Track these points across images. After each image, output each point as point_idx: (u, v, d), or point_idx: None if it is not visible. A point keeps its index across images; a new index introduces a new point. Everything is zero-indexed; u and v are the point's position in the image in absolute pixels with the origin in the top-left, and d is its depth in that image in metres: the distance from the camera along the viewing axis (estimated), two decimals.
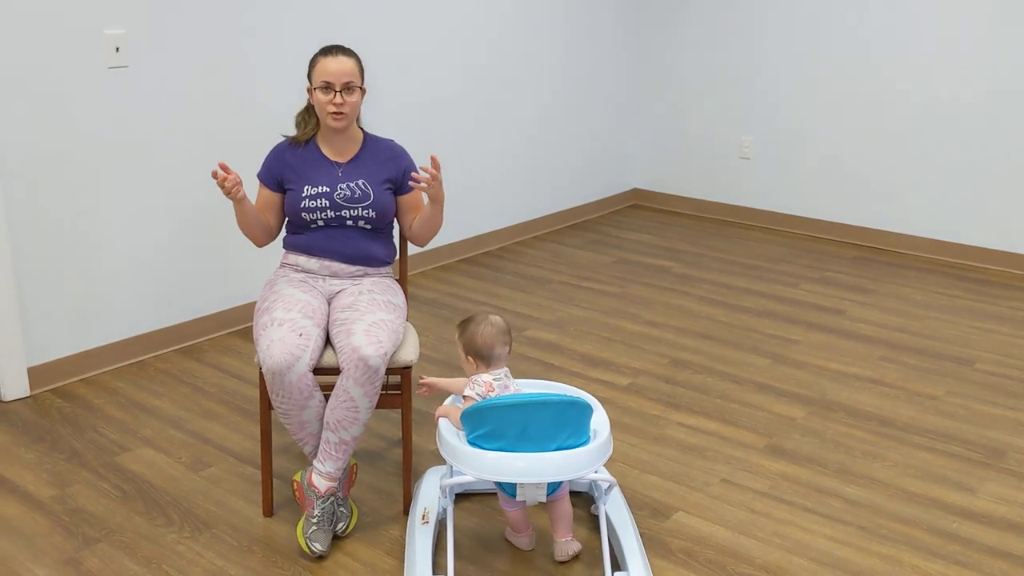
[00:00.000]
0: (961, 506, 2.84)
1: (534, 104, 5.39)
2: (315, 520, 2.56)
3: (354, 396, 2.54)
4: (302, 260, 2.83)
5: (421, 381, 2.67)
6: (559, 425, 2.27)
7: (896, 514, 2.79)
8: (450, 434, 2.38)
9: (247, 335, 4.04)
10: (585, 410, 2.30)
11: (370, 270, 2.84)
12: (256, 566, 2.52)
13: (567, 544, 2.53)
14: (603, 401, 3.47)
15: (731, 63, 5.74)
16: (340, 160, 2.82)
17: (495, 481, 2.33)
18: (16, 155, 3.30)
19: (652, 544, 2.63)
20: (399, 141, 4.62)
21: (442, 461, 2.95)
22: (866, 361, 3.85)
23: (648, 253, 5.26)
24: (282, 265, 2.88)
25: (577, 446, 2.30)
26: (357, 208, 2.78)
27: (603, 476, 2.35)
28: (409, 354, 2.67)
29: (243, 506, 2.80)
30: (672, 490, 2.91)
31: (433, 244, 4.96)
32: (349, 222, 2.79)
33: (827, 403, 3.49)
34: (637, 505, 2.81)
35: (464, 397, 2.46)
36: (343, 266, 2.81)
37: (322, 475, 2.59)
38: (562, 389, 2.61)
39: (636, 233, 5.66)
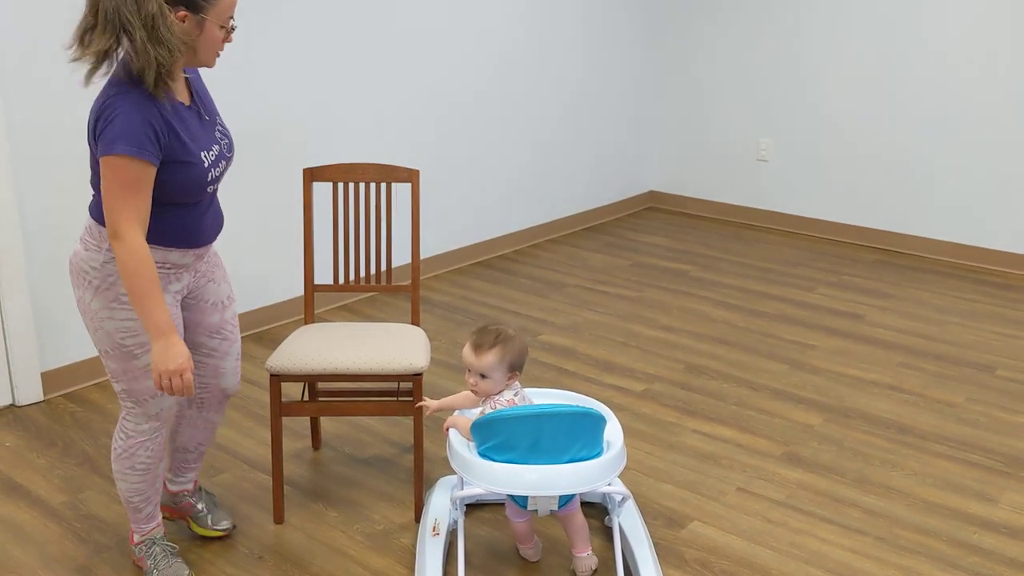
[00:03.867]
0: (981, 516, 2.79)
1: (550, 106, 5.36)
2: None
3: (215, 422, 2.60)
4: (174, 256, 2.23)
5: (418, 405, 2.62)
6: (571, 437, 2.22)
7: (915, 524, 2.75)
8: (460, 446, 2.35)
9: (258, 339, 4.03)
10: (598, 421, 2.27)
11: None
12: (267, 575, 2.51)
13: (587, 559, 2.49)
14: (617, 407, 3.44)
15: (748, 65, 5.69)
16: (188, 103, 2.21)
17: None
18: (30, 158, 3.30)
19: (666, 554, 2.60)
20: (414, 145, 4.61)
21: (453, 470, 2.93)
22: (885, 367, 3.80)
23: (664, 256, 5.22)
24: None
25: (590, 458, 2.26)
26: (229, 160, 2.31)
27: (617, 489, 2.32)
28: (420, 361, 2.65)
29: (254, 513, 2.78)
30: (687, 499, 2.87)
31: (447, 247, 4.94)
32: (218, 183, 2.30)
33: (845, 410, 3.44)
34: (652, 514, 2.78)
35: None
36: (209, 246, 2.35)
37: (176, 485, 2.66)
38: (574, 398, 2.58)
39: (652, 236, 5.63)
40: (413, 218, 2.95)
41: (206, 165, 2.19)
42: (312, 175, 2.97)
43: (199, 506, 2.67)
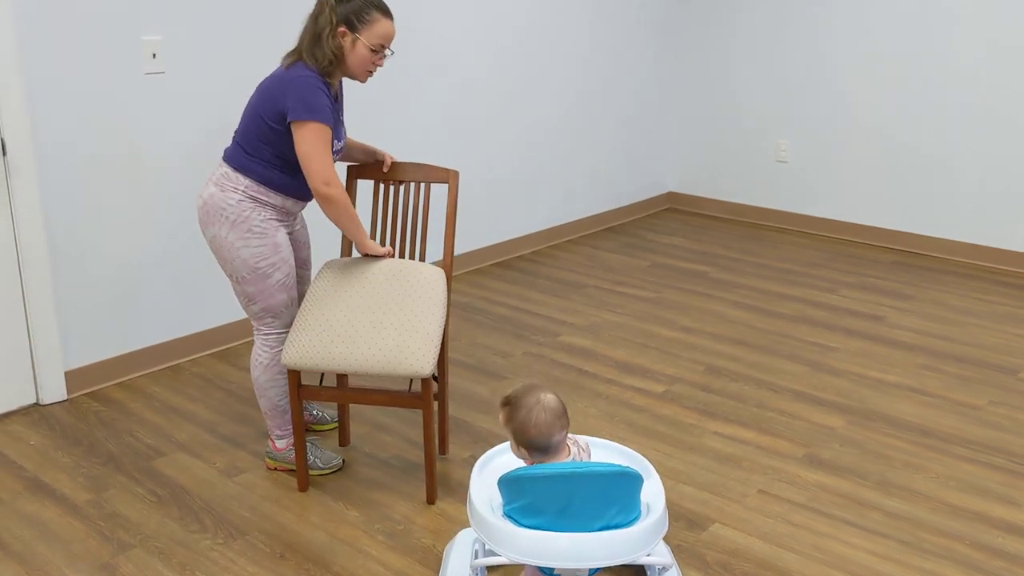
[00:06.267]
0: (1005, 520, 2.77)
1: (568, 107, 5.36)
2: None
3: None
4: (289, 204, 2.82)
5: None
6: (607, 500, 2.00)
7: (938, 528, 2.73)
8: (482, 505, 2.11)
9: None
10: (635, 481, 2.03)
11: None
12: (289, 573, 2.52)
13: None
14: (637, 409, 3.44)
15: (767, 65, 5.68)
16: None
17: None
18: (54, 160, 3.33)
19: (688, 557, 2.60)
20: (431, 144, 4.62)
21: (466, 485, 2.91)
22: (906, 369, 3.78)
23: (683, 257, 5.21)
24: (254, 200, 2.73)
25: (626, 524, 2.04)
26: (339, 154, 2.90)
27: (658, 559, 2.09)
28: (426, 368, 2.66)
29: (276, 512, 2.80)
30: (708, 501, 2.86)
31: (467, 248, 4.95)
32: None
33: (867, 412, 3.43)
34: (672, 516, 2.77)
35: None
36: (305, 204, 2.95)
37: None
38: (618, 451, 2.36)
39: (671, 237, 5.62)
40: (448, 218, 2.95)
41: (334, 149, 2.76)
42: (356, 172, 3.08)
43: (315, 412, 3.28)
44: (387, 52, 2.74)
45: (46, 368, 3.42)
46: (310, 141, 2.62)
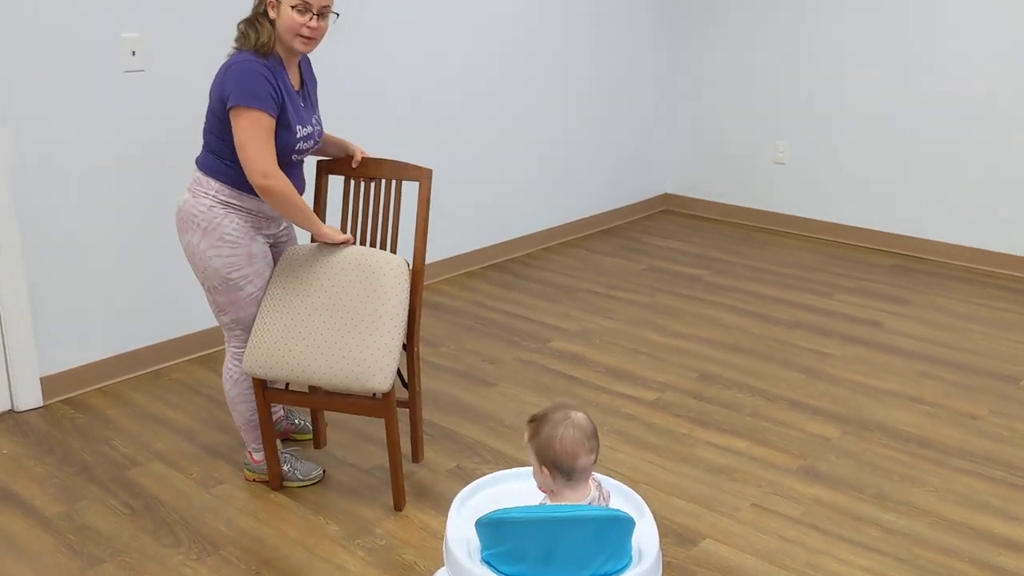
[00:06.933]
0: (1005, 536, 2.69)
1: (564, 108, 5.28)
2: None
3: None
4: (266, 208, 2.68)
5: None
6: (596, 547, 1.82)
7: (936, 544, 2.64)
8: (459, 548, 1.91)
9: None
10: (626, 526, 1.86)
11: None
12: None
13: None
14: (628, 417, 3.35)
15: (765, 66, 5.59)
16: (297, 88, 2.69)
17: None
18: (31, 159, 3.24)
19: (677, 574, 2.51)
20: (425, 145, 4.54)
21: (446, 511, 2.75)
22: (904, 377, 3.70)
23: (678, 260, 5.13)
24: (226, 206, 2.64)
25: (616, 572, 1.85)
26: (314, 144, 2.75)
27: None
28: (384, 384, 2.59)
29: (253, 526, 2.71)
30: (700, 515, 2.78)
31: (458, 249, 4.86)
32: (302, 156, 2.76)
33: (863, 422, 3.34)
34: (662, 531, 2.68)
35: None
36: None
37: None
38: (611, 487, 2.13)
39: (666, 239, 5.53)
40: (419, 220, 2.83)
41: (297, 136, 2.62)
42: (326, 168, 2.97)
43: (296, 421, 3.18)
44: (331, 15, 2.59)
45: (20, 374, 3.33)
46: (246, 129, 2.49)
